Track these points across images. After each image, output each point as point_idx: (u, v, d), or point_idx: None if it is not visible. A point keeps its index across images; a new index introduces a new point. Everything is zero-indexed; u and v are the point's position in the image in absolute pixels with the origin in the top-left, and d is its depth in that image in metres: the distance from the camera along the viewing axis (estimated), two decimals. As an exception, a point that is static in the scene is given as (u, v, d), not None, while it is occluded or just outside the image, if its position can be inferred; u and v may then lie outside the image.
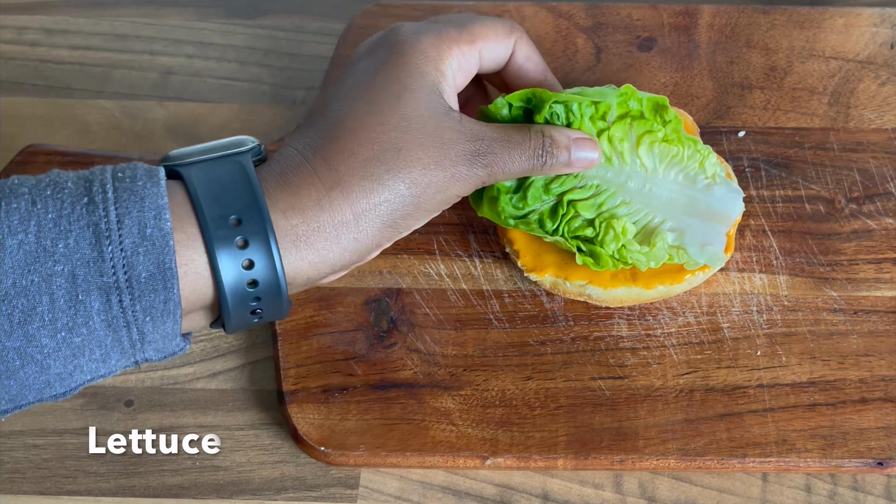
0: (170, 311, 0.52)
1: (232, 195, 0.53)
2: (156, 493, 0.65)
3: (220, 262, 0.52)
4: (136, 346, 0.52)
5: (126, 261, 0.50)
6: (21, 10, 0.85)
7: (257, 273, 0.53)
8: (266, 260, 0.53)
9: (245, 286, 0.53)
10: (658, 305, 0.68)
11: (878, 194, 0.72)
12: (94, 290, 0.50)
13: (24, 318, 0.50)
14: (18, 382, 0.51)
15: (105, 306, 0.51)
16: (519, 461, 0.64)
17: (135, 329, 0.52)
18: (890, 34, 0.79)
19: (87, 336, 0.51)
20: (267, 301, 0.54)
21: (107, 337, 0.52)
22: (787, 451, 0.63)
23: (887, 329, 0.67)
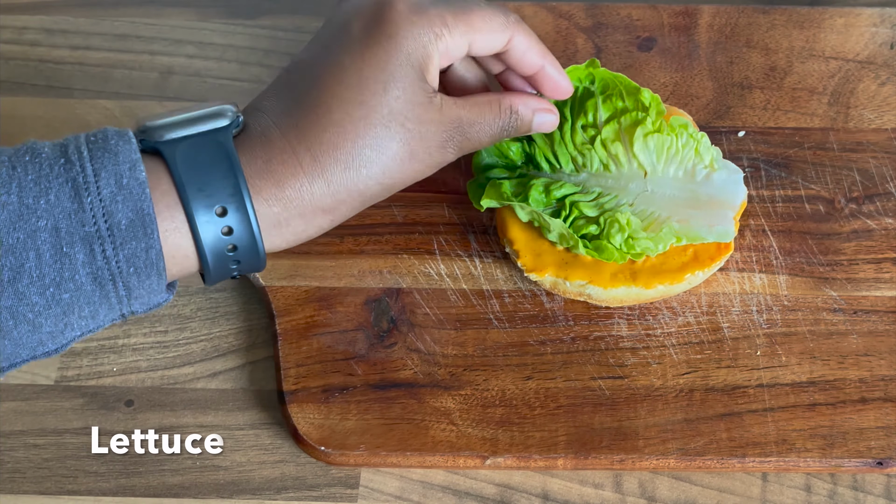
0: (152, 261, 0.54)
1: (217, 185, 0.55)
2: (156, 492, 0.65)
3: (205, 244, 0.55)
4: (123, 300, 0.55)
5: (105, 209, 0.53)
6: (21, 10, 0.85)
7: (239, 246, 0.57)
8: (248, 239, 0.56)
9: (228, 262, 0.57)
10: (658, 305, 0.68)
11: (878, 194, 0.72)
12: (77, 242, 0.52)
13: (14, 275, 0.52)
14: (13, 342, 0.53)
15: (89, 258, 0.53)
16: (519, 461, 0.64)
17: (120, 283, 0.54)
18: (890, 34, 0.79)
19: (74, 292, 0.53)
20: (245, 263, 0.58)
21: (94, 293, 0.54)
22: (786, 450, 0.63)
23: (887, 329, 0.67)
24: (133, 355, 0.69)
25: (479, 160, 0.69)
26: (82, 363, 0.69)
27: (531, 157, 0.69)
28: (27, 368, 0.69)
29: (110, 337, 0.70)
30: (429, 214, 0.72)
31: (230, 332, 0.70)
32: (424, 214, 0.72)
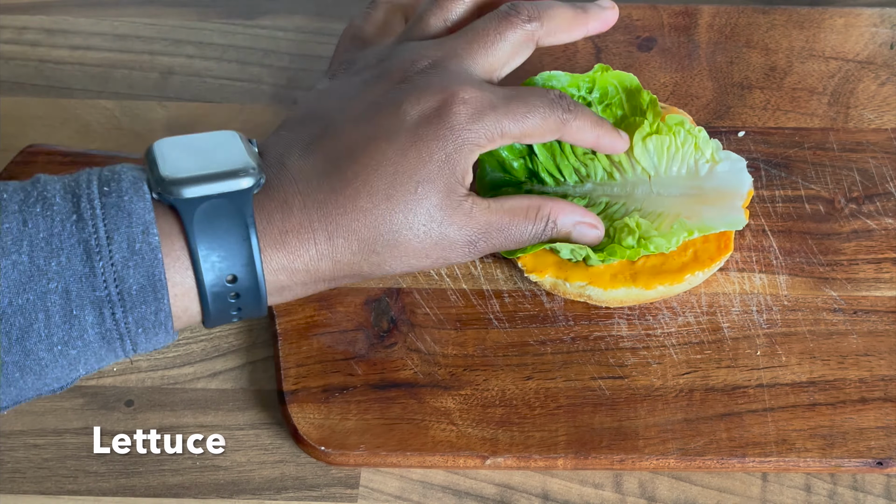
0: (161, 322, 0.54)
1: (232, 252, 0.55)
2: (156, 492, 0.65)
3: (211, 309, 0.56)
4: (129, 352, 0.55)
5: (117, 275, 0.52)
6: (21, 10, 0.85)
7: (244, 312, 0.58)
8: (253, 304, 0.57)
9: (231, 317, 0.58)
10: (658, 305, 0.68)
11: (878, 194, 0.72)
12: (87, 305, 0.52)
13: (22, 334, 0.52)
14: (18, 389, 0.54)
15: (98, 319, 0.53)
16: (519, 461, 0.64)
17: (128, 341, 0.54)
18: (889, 34, 0.79)
19: (82, 348, 0.53)
20: (247, 307, 0.58)
21: (101, 348, 0.54)
22: (786, 450, 0.63)
23: (887, 329, 0.67)
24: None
25: (482, 175, 0.69)
26: (82, 363, 0.69)
27: (535, 173, 0.69)
28: (27, 368, 0.69)
29: (110, 337, 0.70)
30: (429, 214, 0.72)
31: (230, 332, 0.70)
32: (424, 214, 0.72)
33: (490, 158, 0.68)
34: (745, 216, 0.67)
